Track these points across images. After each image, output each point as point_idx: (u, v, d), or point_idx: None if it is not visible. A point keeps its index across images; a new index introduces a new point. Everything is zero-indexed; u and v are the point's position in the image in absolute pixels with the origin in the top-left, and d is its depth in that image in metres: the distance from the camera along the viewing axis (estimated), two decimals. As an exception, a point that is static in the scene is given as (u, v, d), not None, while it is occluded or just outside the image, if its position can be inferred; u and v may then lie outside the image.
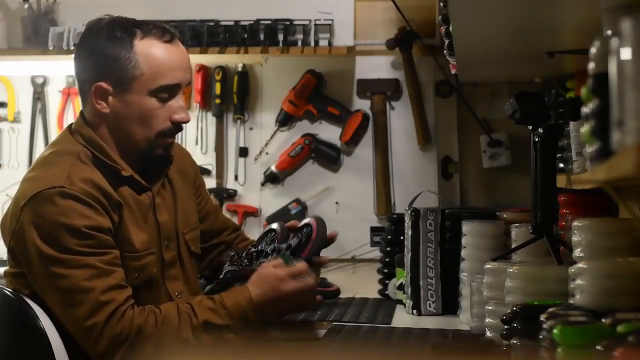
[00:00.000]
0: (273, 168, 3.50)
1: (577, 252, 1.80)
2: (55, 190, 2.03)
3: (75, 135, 2.17)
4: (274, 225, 2.47)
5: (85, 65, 2.16)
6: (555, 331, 1.39)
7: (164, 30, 2.17)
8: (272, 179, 3.52)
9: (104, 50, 2.12)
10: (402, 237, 2.81)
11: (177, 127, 2.18)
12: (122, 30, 2.14)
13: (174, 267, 2.22)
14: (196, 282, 2.34)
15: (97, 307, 2.00)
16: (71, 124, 2.23)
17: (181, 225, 2.28)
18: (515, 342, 1.69)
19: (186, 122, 2.18)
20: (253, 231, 3.35)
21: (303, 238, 2.36)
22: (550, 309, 1.53)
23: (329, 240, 2.43)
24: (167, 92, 2.14)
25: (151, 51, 2.13)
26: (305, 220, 2.45)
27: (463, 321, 2.49)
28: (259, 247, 2.38)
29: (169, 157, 2.23)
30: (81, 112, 2.21)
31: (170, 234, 2.23)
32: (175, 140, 2.25)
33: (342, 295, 3.01)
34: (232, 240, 2.53)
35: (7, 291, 2.12)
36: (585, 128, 1.34)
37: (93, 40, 2.15)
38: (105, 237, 2.05)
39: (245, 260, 2.32)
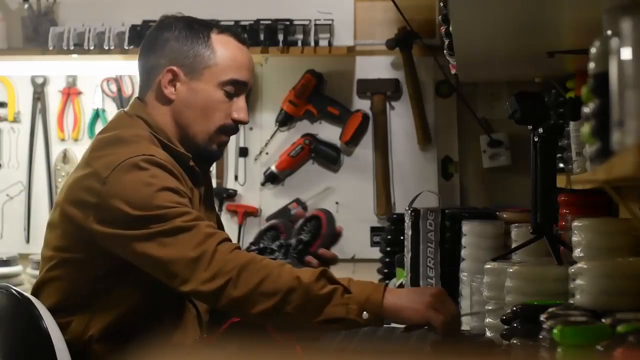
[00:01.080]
0: (273, 168, 3.50)
1: (577, 252, 1.80)
2: (144, 157, 2.01)
3: (135, 119, 2.15)
4: (275, 222, 2.47)
5: (157, 51, 2.17)
6: (555, 331, 1.39)
7: (239, 32, 2.27)
8: (272, 179, 3.52)
9: (180, 38, 2.17)
10: (402, 237, 2.81)
11: (236, 126, 2.20)
12: (199, 24, 2.21)
13: None
14: None
15: (204, 239, 1.94)
16: (122, 110, 2.22)
17: None
18: (515, 342, 1.69)
19: (245, 122, 2.21)
20: (253, 231, 3.35)
21: (312, 231, 2.34)
22: (550, 309, 1.53)
23: (337, 234, 2.42)
24: (234, 88, 2.16)
25: (227, 45, 2.18)
26: (312, 213, 2.43)
27: (463, 321, 2.49)
28: (261, 245, 2.37)
29: (220, 155, 2.25)
30: (137, 98, 2.21)
31: None
32: None
33: (342, 295, 3.02)
34: None
35: (14, 290, 2.12)
36: (585, 128, 1.34)
37: (168, 31, 2.18)
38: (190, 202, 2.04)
39: None
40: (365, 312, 1.92)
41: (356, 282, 1.97)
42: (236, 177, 3.56)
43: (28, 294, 2.12)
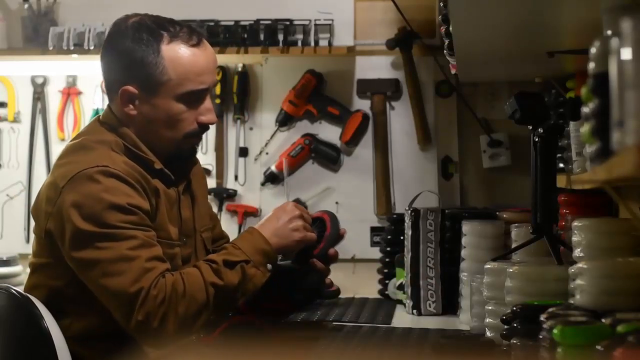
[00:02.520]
0: (273, 168, 3.50)
1: (577, 252, 1.80)
2: (98, 169, 2.04)
3: (104, 125, 2.18)
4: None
5: (112, 66, 2.17)
6: (555, 331, 1.39)
7: (191, 32, 2.17)
8: (272, 179, 3.52)
9: (130, 53, 2.12)
10: (402, 237, 2.81)
11: (204, 128, 2.20)
12: (149, 33, 2.13)
13: (188, 265, 2.23)
14: None
15: (143, 273, 2.00)
16: (99, 115, 2.25)
17: (198, 224, 2.30)
18: (515, 342, 1.69)
19: (213, 123, 2.20)
20: (253, 231, 3.34)
21: (316, 233, 2.33)
22: (550, 309, 1.54)
23: (341, 236, 2.42)
24: (194, 97, 2.15)
25: (178, 56, 2.12)
26: (316, 214, 2.43)
27: (463, 321, 2.49)
28: None
29: (194, 155, 2.26)
30: (109, 106, 2.22)
31: (189, 231, 2.25)
32: None
33: (342, 295, 3.02)
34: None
35: (14, 291, 2.12)
36: (585, 128, 1.34)
37: (119, 41, 2.15)
38: (145, 218, 2.07)
39: None
40: (268, 265, 2.17)
41: (240, 242, 2.18)
42: (236, 177, 3.56)
43: (28, 294, 2.12)
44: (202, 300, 2.05)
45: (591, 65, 1.30)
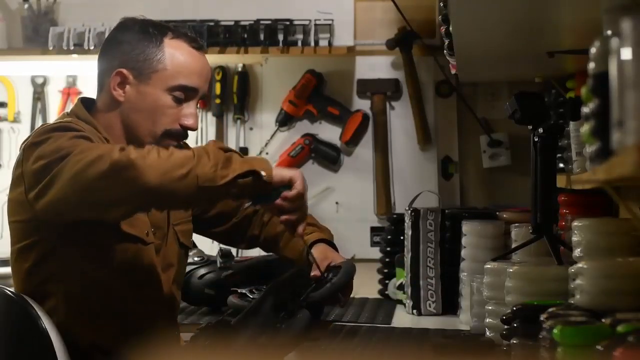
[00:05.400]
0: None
1: (577, 252, 1.80)
2: (57, 124, 2.07)
3: (70, 116, 2.20)
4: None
5: (111, 53, 2.20)
6: (555, 331, 1.39)
7: (195, 38, 2.23)
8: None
9: (132, 41, 2.18)
10: (402, 237, 2.81)
11: (184, 132, 2.20)
12: (155, 27, 2.20)
13: (157, 257, 2.23)
14: (178, 274, 2.32)
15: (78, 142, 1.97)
16: (65, 111, 2.27)
17: (173, 217, 2.29)
18: (515, 342, 1.69)
19: (194, 129, 2.20)
20: (253, 231, 3.34)
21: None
22: (550, 309, 1.54)
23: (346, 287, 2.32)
24: (183, 93, 2.17)
25: (178, 50, 2.18)
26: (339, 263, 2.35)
27: (463, 321, 2.49)
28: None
29: None
30: (80, 99, 2.23)
31: (160, 222, 2.24)
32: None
33: (342, 295, 3.02)
34: (252, 215, 2.51)
35: (8, 291, 2.13)
36: (585, 128, 1.34)
37: (124, 33, 2.20)
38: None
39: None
40: (262, 171, 1.96)
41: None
42: (236, 177, 3.55)
43: (24, 295, 2.12)
44: (188, 156, 1.92)
45: (591, 65, 1.30)
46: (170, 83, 2.16)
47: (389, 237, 3.03)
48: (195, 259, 2.86)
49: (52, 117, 3.65)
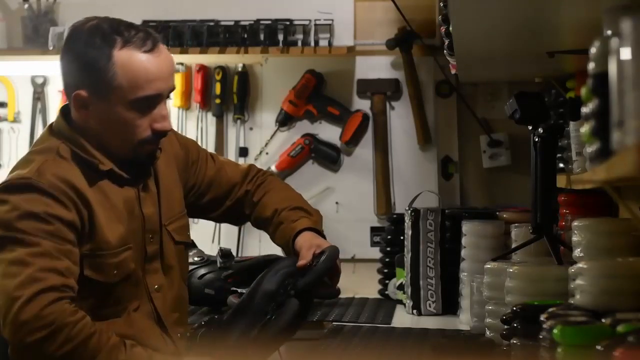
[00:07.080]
0: (273, 168, 3.50)
1: (577, 252, 1.80)
2: (22, 181, 2.04)
3: (54, 133, 2.16)
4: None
5: (67, 70, 2.15)
6: (555, 331, 1.39)
7: (146, 37, 2.12)
8: (272, 178, 3.52)
9: (82, 57, 2.10)
10: (402, 237, 2.81)
11: (159, 135, 2.15)
12: (102, 37, 2.10)
13: (154, 261, 2.22)
14: (182, 272, 2.32)
15: (29, 282, 1.96)
16: (52, 123, 2.22)
17: (165, 217, 2.26)
18: (515, 342, 1.69)
19: (167, 130, 2.15)
20: (254, 232, 3.34)
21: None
22: (550, 309, 1.54)
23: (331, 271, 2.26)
24: (146, 103, 2.10)
25: (130, 62, 2.07)
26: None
27: (463, 321, 2.49)
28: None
29: (153, 160, 2.20)
30: (61, 110, 2.20)
31: (154, 226, 2.22)
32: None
33: (342, 295, 3.02)
34: (243, 196, 2.44)
35: None
36: (585, 128, 1.34)
37: (74, 45, 2.13)
38: (65, 230, 2.03)
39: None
40: None
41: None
42: (236, 177, 3.55)
43: None
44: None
45: (591, 65, 1.30)
46: (130, 97, 2.07)
47: (389, 237, 3.04)
48: (195, 259, 2.87)
49: (52, 117, 3.64)
